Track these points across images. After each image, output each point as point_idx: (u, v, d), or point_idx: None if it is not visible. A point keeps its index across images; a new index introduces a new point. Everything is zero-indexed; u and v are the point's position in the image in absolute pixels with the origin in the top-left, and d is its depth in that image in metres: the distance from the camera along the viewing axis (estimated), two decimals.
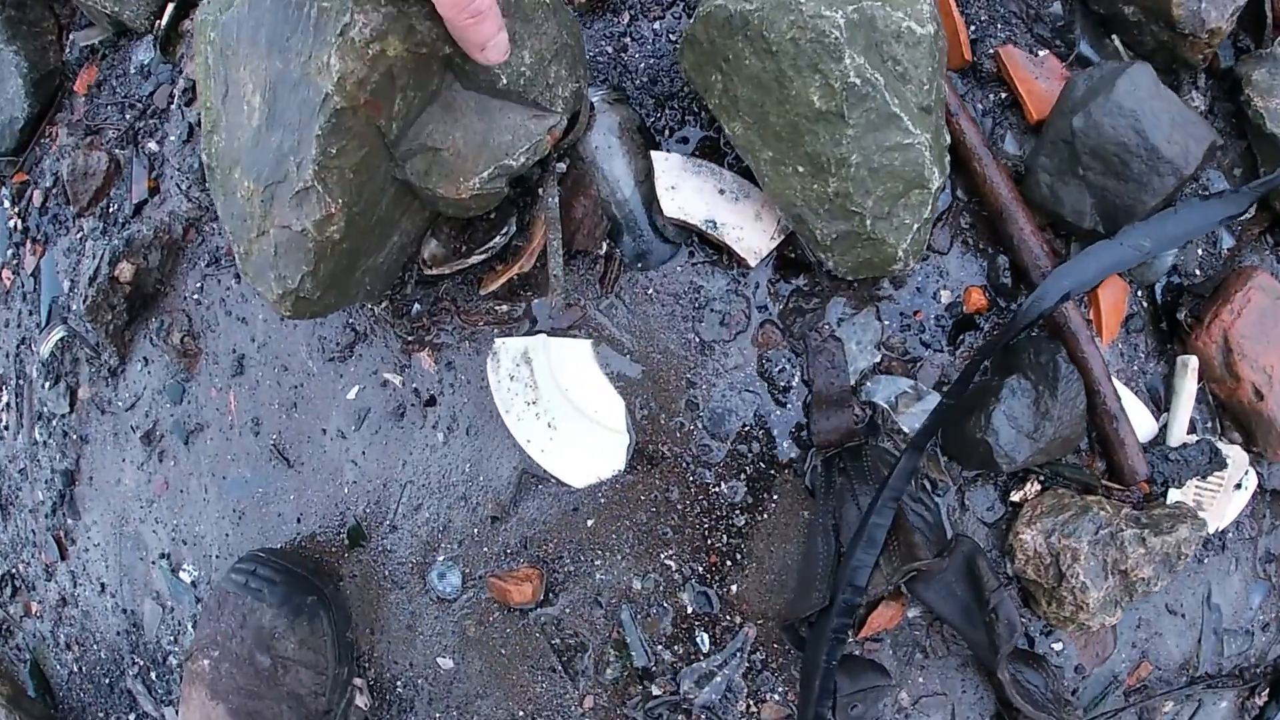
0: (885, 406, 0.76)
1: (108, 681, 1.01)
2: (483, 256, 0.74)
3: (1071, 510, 0.77)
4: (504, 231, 0.75)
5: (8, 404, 1.06)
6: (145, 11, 0.93)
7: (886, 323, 0.77)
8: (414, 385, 0.80)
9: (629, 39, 0.83)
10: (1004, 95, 0.82)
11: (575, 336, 0.77)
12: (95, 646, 1.01)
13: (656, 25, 0.83)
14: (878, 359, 0.77)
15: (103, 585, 0.99)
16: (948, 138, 0.75)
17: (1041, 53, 0.83)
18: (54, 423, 1.01)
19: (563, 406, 0.75)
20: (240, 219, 0.65)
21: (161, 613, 0.94)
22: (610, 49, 0.83)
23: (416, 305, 0.80)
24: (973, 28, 0.83)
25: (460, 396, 0.79)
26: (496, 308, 0.79)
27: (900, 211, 0.70)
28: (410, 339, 0.80)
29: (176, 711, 0.94)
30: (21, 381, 1.04)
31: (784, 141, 0.69)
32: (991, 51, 0.83)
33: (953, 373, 0.78)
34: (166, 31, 0.93)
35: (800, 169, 0.69)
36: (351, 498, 0.82)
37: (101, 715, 1.02)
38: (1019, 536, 0.78)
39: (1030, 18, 0.84)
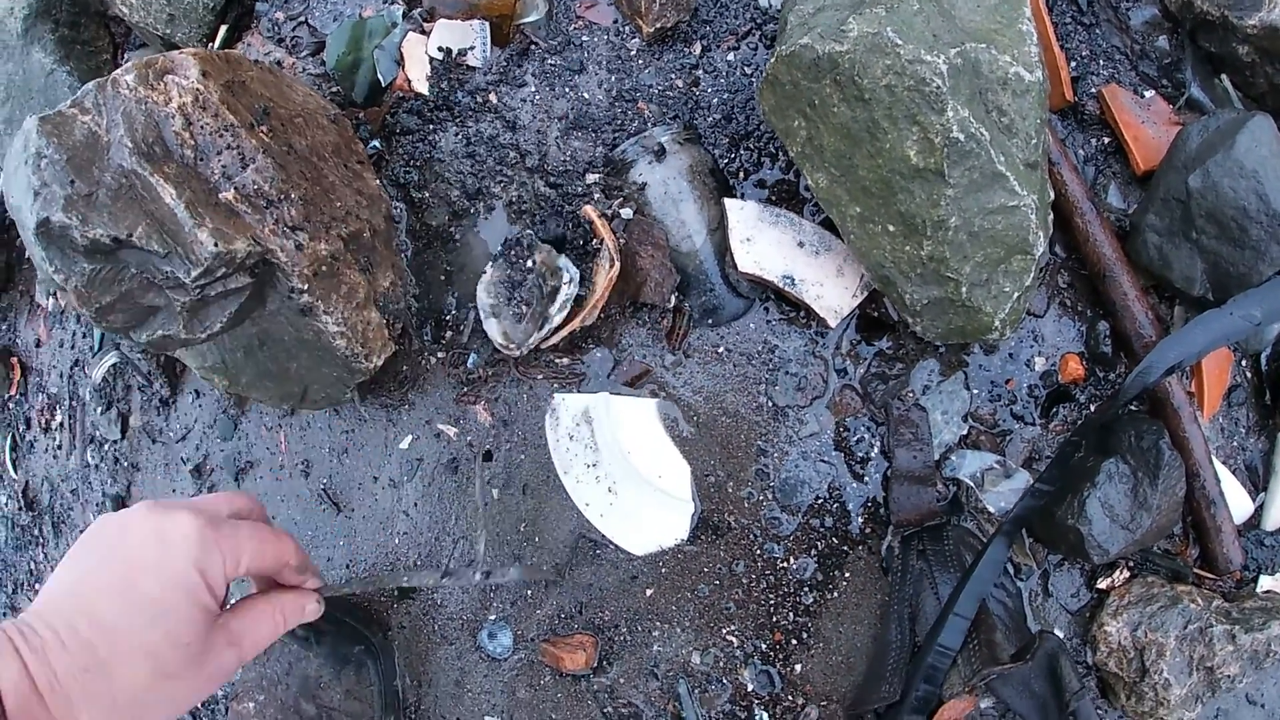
0: (970, 483, 0.67)
1: None
2: (562, 314, 0.66)
3: (1160, 601, 0.68)
4: (566, 280, 0.68)
5: (61, 423, 1.01)
6: (197, 34, 0.86)
7: (975, 391, 0.68)
8: (469, 438, 0.73)
9: (701, 71, 0.74)
10: (1107, 140, 0.72)
11: (639, 395, 0.69)
12: None
13: (731, 57, 0.74)
14: (964, 431, 0.68)
15: None
16: (1051, 193, 0.65)
17: (1148, 93, 0.73)
18: (106, 447, 0.96)
19: (624, 470, 0.67)
20: None
21: None
22: (681, 83, 0.74)
23: (473, 355, 0.73)
24: (1073, 64, 0.72)
25: (517, 453, 0.72)
26: (556, 361, 0.71)
27: (999, 278, 0.60)
28: (465, 390, 0.73)
29: None
30: (75, 403, 1.00)
31: (874, 198, 0.60)
32: (1094, 91, 0.72)
33: (1043, 447, 0.69)
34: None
35: (891, 229, 0.60)
36: (403, 548, 0.76)
37: None
38: (1103, 628, 0.69)
39: (1135, 54, 0.73)
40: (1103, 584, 0.71)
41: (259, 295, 0.64)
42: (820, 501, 0.67)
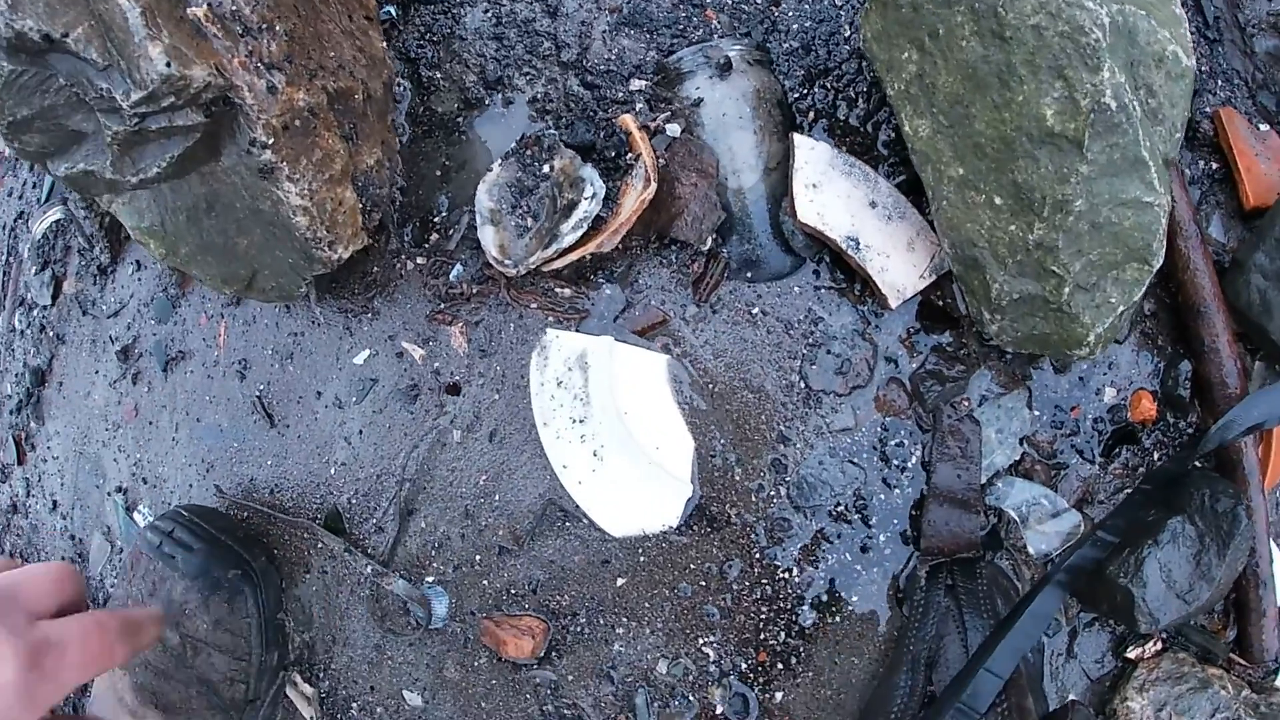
0: (1014, 516, 0.55)
1: None
2: (577, 234, 0.52)
3: (1190, 683, 0.58)
4: (589, 195, 0.54)
5: None
6: None
7: (1038, 413, 0.56)
8: (435, 365, 0.59)
9: None
10: (1216, 166, 0.60)
11: (649, 348, 0.56)
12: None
13: None
14: (1018, 456, 0.55)
15: (55, 503, 0.80)
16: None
17: (1263, 127, 0.62)
18: (34, 313, 0.81)
19: (617, 433, 0.54)
20: None
21: (109, 550, 0.75)
22: None
23: (458, 267, 0.59)
24: None
25: (490, 391, 0.58)
26: (556, 290, 0.58)
27: (1108, 285, 0.47)
28: (443, 307, 0.59)
29: None
30: (12, 259, 0.84)
31: (985, 160, 0.46)
32: (1209, 110, 0.61)
33: (1098, 490, 0.57)
34: None
35: (998, 201, 0.47)
36: (338, 480, 0.62)
37: None
38: (1126, 702, 0.57)
39: (1255, 83, 0.62)
40: (1132, 653, 0.59)
41: (212, 144, 0.50)
42: (841, 509, 0.54)
